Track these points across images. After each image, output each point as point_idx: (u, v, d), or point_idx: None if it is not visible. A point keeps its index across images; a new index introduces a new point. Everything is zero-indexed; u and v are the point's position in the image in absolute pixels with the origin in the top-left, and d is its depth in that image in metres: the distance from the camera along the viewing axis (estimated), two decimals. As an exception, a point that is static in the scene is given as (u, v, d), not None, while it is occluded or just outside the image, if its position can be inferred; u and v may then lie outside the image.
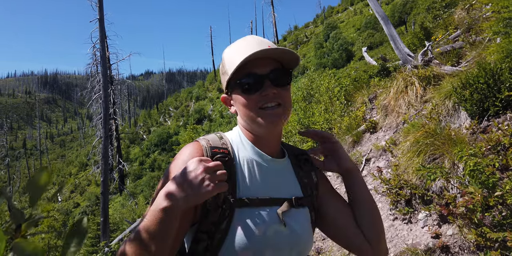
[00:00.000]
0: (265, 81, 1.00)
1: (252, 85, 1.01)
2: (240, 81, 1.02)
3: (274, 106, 1.01)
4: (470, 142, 3.30)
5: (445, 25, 8.04)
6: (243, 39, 1.08)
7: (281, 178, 1.10)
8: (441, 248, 2.87)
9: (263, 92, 1.00)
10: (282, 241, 1.00)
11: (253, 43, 1.03)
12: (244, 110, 1.04)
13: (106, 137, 11.10)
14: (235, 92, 1.05)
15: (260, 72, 1.01)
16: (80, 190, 32.35)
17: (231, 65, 1.03)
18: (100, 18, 12.07)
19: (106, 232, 10.42)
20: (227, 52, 1.09)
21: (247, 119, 1.05)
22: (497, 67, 3.53)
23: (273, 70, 1.02)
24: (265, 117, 1.01)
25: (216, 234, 0.96)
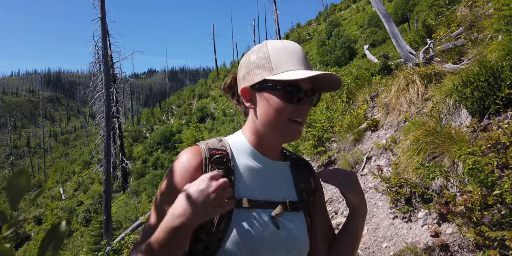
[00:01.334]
0: (305, 97, 1.02)
1: (295, 95, 1.00)
2: (286, 88, 1.00)
3: (300, 122, 1.03)
4: (470, 140, 3.28)
5: (448, 22, 8.00)
6: (293, 45, 1.06)
7: (278, 181, 1.10)
8: (440, 246, 2.86)
9: (299, 106, 1.01)
10: (279, 243, 1.01)
11: (304, 56, 1.04)
12: (274, 114, 1.02)
13: (108, 136, 11.13)
14: (272, 93, 1.02)
15: (305, 88, 1.02)
16: (84, 188, 32.47)
17: (282, 66, 1.01)
18: (102, 17, 12.09)
19: (108, 230, 10.47)
20: (276, 48, 1.05)
21: (271, 123, 1.03)
22: (497, 65, 3.51)
23: (311, 89, 1.04)
24: (289, 130, 1.02)
25: (215, 234, 0.97)
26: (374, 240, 3.55)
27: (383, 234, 3.52)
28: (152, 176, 24.83)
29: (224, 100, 35.61)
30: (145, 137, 37.48)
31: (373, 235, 3.61)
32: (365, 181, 4.72)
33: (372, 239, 3.57)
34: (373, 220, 3.85)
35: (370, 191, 4.37)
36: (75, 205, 28.20)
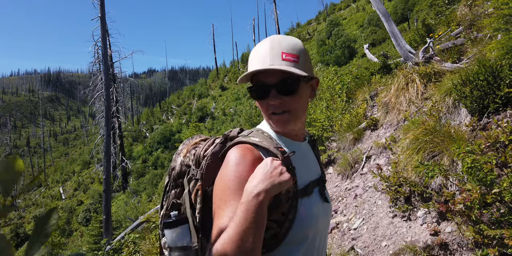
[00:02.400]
0: (272, 91, 1.08)
1: (260, 93, 1.11)
2: (251, 88, 1.13)
3: (280, 113, 1.10)
4: (469, 139, 3.28)
5: (447, 21, 7.99)
6: (260, 44, 1.13)
7: (311, 160, 1.25)
8: (439, 245, 2.87)
9: (269, 101, 1.09)
10: (328, 213, 1.20)
11: (264, 54, 1.08)
12: (261, 110, 1.16)
13: (108, 135, 11.13)
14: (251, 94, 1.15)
15: (268, 82, 1.08)
16: (84, 188, 32.49)
17: (248, 69, 1.12)
18: (102, 16, 12.08)
19: (108, 230, 10.48)
20: (251, 53, 1.16)
21: (265, 118, 1.17)
22: (497, 63, 3.51)
23: (281, 80, 1.07)
24: (274, 122, 1.13)
25: (285, 223, 1.06)
26: (373, 239, 3.55)
27: (382, 233, 3.52)
28: (152, 175, 24.83)
29: (224, 100, 35.61)
30: (145, 137, 37.47)
31: (373, 234, 3.61)
32: (365, 180, 4.72)
33: (372, 238, 3.58)
34: (373, 219, 3.85)
35: (370, 190, 4.37)
36: (75, 204, 28.21)
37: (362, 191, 4.50)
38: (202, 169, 1.17)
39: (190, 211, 1.16)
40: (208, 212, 1.14)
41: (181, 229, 1.12)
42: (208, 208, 1.13)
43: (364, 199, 4.31)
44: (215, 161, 1.16)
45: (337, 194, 4.97)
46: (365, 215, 4.01)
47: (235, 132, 1.21)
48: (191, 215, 1.16)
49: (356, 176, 5.03)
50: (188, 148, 1.28)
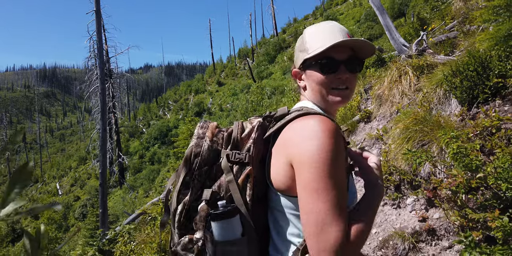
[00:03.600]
0: (341, 66, 1.12)
1: (331, 67, 1.12)
2: (320, 61, 1.13)
3: (344, 88, 1.14)
4: (458, 128, 3.34)
5: (442, 15, 8.03)
6: (327, 23, 1.19)
7: None
8: (427, 231, 2.93)
9: (337, 75, 1.12)
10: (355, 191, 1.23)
11: (336, 30, 1.14)
12: (318, 87, 1.15)
13: (104, 129, 11.14)
14: (312, 69, 1.16)
15: (339, 58, 1.12)
16: (80, 184, 32.48)
17: (314, 45, 1.14)
18: (97, 10, 12.03)
19: (105, 224, 10.52)
20: (310, 32, 1.19)
21: (319, 94, 1.16)
22: (486, 54, 3.56)
23: (349, 57, 1.13)
24: (335, 97, 1.14)
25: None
26: (364, 226, 3.62)
27: (373, 221, 3.59)
28: (149, 171, 24.85)
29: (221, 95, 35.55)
30: (141, 132, 37.42)
31: (364, 222, 3.68)
32: (357, 171, 4.78)
33: (363, 226, 3.64)
34: (364, 208, 3.92)
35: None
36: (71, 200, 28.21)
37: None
38: (251, 152, 1.08)
39: (241, 199, 1.04)
40: (257, 199, 1.08)
41: (233, 220, 1.01)
42: (257, 195, 1.09)
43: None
44: (260, 143, 1.12)
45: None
46: (357, 204, 4.07)
47: (283, 110, 1.16)
48: (242, 204, 1.04)
49: (349, 167, 5.09)
50: (213, 131, 1.17)
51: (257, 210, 1.08)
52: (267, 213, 1.14)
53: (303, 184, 0.94)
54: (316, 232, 0.89)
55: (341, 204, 0.91)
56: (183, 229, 1.11)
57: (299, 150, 0.97)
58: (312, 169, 0.93)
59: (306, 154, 0.94)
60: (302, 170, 0.95)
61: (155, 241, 3.98)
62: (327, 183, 0.91)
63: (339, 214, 0.90)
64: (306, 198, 0.93)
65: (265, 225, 1.14)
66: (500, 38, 3.56)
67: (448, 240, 2.79)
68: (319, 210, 0.90)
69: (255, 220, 1.06)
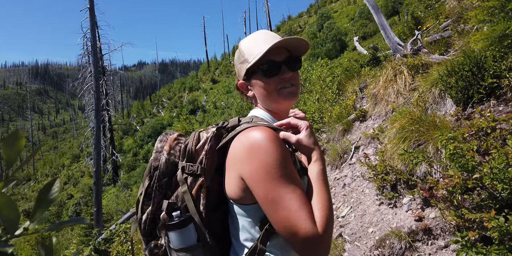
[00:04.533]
0: (282, 67, 1.18)
1: (273, 70, 1.18)
2: (262, 67, 1.18)
3: (290, 86, 1.20)
4: (453, 128, 3.37)
5: (436, 14, 8.07)
6: (258, 33, 1.26)
7: None
8: (423, 230, 2.96)
9: (281, 76, 1.18)
10: None
11: (269, 36, 1.22)
12: (265, 92, 1.20)
13: (98, 127, 11.07)
14: (256, 77, 1.21)
15: (278, 59, 1.18)
16: (74, 182, 32.28)
17: (253, 53, 1.19)
18: (90, 7, 11.93)
19: (99, 222, 10.48)
20: (245, 44, 1.24)
21: (268, 99, 1.22)
22: (481, 55, 3.59)
23: (287, 57, 1.20)
24: (283, 95, 1.19)
25: None
26: (360, 225, 3.64)
27: (369, 220, 3.61)
28: (143, 169, 24.75)
29: (215, 93, 35.50)
30: (135, 130, 37.26)
31: (360, 221, 3.70)
32: (353, 170, 4.81)
33: (359, 225, 3.67)
34: (360, 207, 3.94)
35: (358, 179, 4.46)
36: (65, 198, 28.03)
37: (351, 181, 4.58)
38: (203, 164, 1.13)
39: (194, 208, 1.12)
40: (210, 207, 1.14)
41: (188, 229, 1.10)
42: (211, 203, 1.14)
43: (352, 188, 4.40)
44: (213, 155, 1.15)
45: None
46: (353, 203, 4.10)
47: (234, 121, 1.20)
48: (195, 212, 1.12)
49: (345, 166, 5.12)
50: (171, 144, 1.21)
51: (213, 217, 1.15)
52: (226, 219, 1.21)
53: (261, 198, 1.01)
54: (291, 237, 0.96)
55: (301, 202, 0.98)
56: (149, 236, 1.20)
57: (246, 165, 1.03)
58: (262, 182, 0.99)
59: (254, 168, 1.01)
60: (254, 184, 1.01)
61: (151, 241, 3.96)
62: (280, 190, 0.98)
63: (303, 213, 0.96)
64: (268, 210, 1.00)
65: (225, 230, 1.20)
66: (495, 39, 3.59)
67: (444, 240, 2.82)
68: (284, 217, 0.96)
69: (211, 227, 1.13)
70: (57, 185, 0.56)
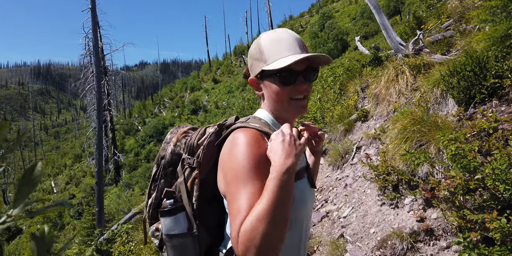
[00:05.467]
0: (300, 77, 1.15)
1: (289, 79, 1.14)
2: (280, 74, 1.14)
3: (302, 98, 1.18)
4: (455, 128, 3.36)
5: (438, 14, 8.05)
6: (282, 34, 1.18)
7: None
8: (425, 231, 2.96)
9: (296, 86, 1.15)
10: (311, 198, 1.23)
11: (292, 40, 1.16)
12: (276, 97, 1.18)
13: (99, 128, 11.09)
14: (270, 80, 1.17)
15: (297, 69, 1.14)
16: (76, 182, 32.35)
17: (273, 57, 1.14)
18: (92, 8, 11.95)
19: (101, 222, 10.50)
20: (267, 42, 1.18)
21: (277, 105, 1.20)
22: (483, 55, 3.58)
23: (306, 67, 1.16)
24: (294, 107, 1.18)
25: None
26: (362, 226, 3.64)
27: (371, 221, 3.61)
28: (144, 169, 24.78)
29: (217, 93, 35.51)
30: (137, 130, 37.31)
31: (362, 222, 3.70)
32: (355, 170, 4.80)
33: (361, 225, 3.66)
34: (362, 207, 3.94)
35: (359, 179, 4.45)
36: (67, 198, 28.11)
37: (352, 181, 4.58)
38: (199, 157, 1.19)
39: (187, 199, 1.19)
40: (204, 199, 1.19)
41: (178, 217, 1.16)
42: (205, 195, 1.19)
43: (353, 188, 4.39)
44: (211, 150, 1.20)
45: (328, 184, 5.05)
46: (355, 203, 4.09)
47: (231, 120, 1.25)
48: (187, 203, 1.18)
49: (347, 166, 5.11)
50: (178, 136, 1.29)
51: (208, 210, 1.20)
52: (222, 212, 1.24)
53: (227, 197, 1.06)
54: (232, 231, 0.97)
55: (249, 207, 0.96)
56: (153, 219, 1.30)
57: (226, 164, 1.08)
58: (229, 182, 1.04)
59: (228, 168, 1.05)
60: (226, 183, 1.06)
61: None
62: (237, 193, 0.99)
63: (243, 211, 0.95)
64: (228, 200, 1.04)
65: (221, 224, 1.24)
66: (497, 39, 3.58)
67: (446, 240, 2.81)
68: (231, 220, 0.98)
69: (206, 219, 1.19)
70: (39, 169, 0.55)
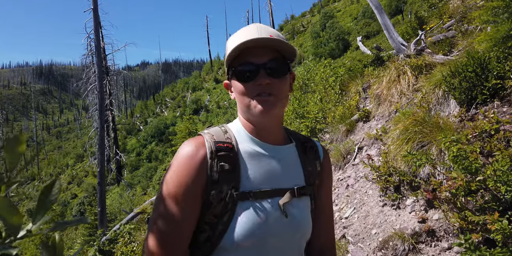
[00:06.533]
0: (260, 71, 0.99)
1: (247, 73, 0.99)
2: (235, 69, 1.01)
3: (266, 95, 0.99)
4: (457, 129, 3.36)
5: (440, 14, 8.04)
6: (247, 27, 1.05)
7: (285, 167, 1.09)
8: (427, 232, 2.96)
9: (256, 82, 0.98)
10: (283, 229, 1.02)
11: (252, 31, 1.00)
12: (240, 97, 1.03)
13: (101, 128, 11.12)
14: (233, 78, 1.04)
15: (256, 62, 0.99)
16: (78, 181, 32.44)
17: (228, 51, 1.02)
18: (94, 8, 11.96)
19: (103, 222, 10.52)
20: (229, 39, 1.07)
21: (243, 106, 1.04)
22: (485, 56, 3.58)
23: (271, 60, 0.99)
24: (256, 105, 0.99)
25: (218, 225, 0.98)
26: (364, 227, 3.64)
27: (372, 221, 3.61)
28: (146, 168, 24.83)
29: (218, 92, 35.53)
30: (139, 130, 37.36)
31: (363, 222, 3.70)
32: (356, 171, 4.81)
33: (362, 226, 3.67)
34: (364, 208, 3.94)
35: (361, 180, 4.45)
36: (69, 198, 28.20)
37: (354, 181, 4.58)
38: None
39: None
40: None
41: None
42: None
43: (355, 189, 4.40)
44: None
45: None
46: (356, 204, 4.10)
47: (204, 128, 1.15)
48: None
49: (348, 167, 5.11)
50: None
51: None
52: None
53: None
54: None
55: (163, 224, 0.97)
56: None
57: None
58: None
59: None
60: None
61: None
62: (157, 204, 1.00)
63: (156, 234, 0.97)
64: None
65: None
66: (499, 39, 3.58)
67: (447, 241, 2.81)
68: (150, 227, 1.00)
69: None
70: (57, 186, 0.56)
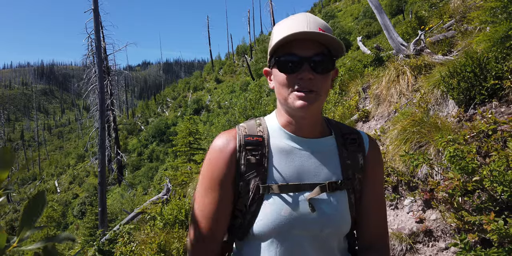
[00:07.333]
0: (304, 64, 0.95)
1: (290, 65, 0.96)
2: (279, 59, 0.98)
3: (307, 91, 0.96)
4: (455, 130, 3.37)
5: (440, 14, 8.04)
6: (296, 16, 1.01)
7: (319, 161, 1.07)
8: (424, 232, 2.97)
9: (299, 75, 0.95)
10: (309, 223, 1.01)
11: (302, 23, 0.96)
12: (279, 87, 1.01)
13: (102, 128, 11.14)
14: (274, 67, 1.01)
15: (301, 54, 0.96)
16: (79, 181, 32.51)
17: (275, 38, 0.98)
18: (95, 8, 11.99)
19: (104, 222, 10.55)
20: (276, 26, 1.04)
21: (281, 98, 1.02)
22: (483, 56, 3.58)
23: (316, 54, 0.96)
24: (294, 100, 0.97)
25: (247, 214, 1.05)
26: (362, 227, 3.65)
27: (370, 221, 3.62)
28: (147, 168, 24.88)
29: (219, 93, 35.54)
30: (140, 130, 37.44)
31: (361, 223, 3.71)
32: (355, 171, 4.81)
33: (360, 226, 3.67)
34: (362, 208, 3.94)
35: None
36: (70, 198, 28.27)
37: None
38: None
39: None
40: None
41: None
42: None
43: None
44: None
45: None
46: (355, 204, 4.10)
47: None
48: None
49: (347, 167, 5.11)
50: None
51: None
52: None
53: None
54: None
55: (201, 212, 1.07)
56: None
57: None
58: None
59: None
60: None
61: (155, 242, 4.00)
62: (196, 198, 1.09)
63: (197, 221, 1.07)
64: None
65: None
66: (497, 40, 3.58)
67: (444, 241, 2.82)
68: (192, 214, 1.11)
69: None
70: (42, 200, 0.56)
